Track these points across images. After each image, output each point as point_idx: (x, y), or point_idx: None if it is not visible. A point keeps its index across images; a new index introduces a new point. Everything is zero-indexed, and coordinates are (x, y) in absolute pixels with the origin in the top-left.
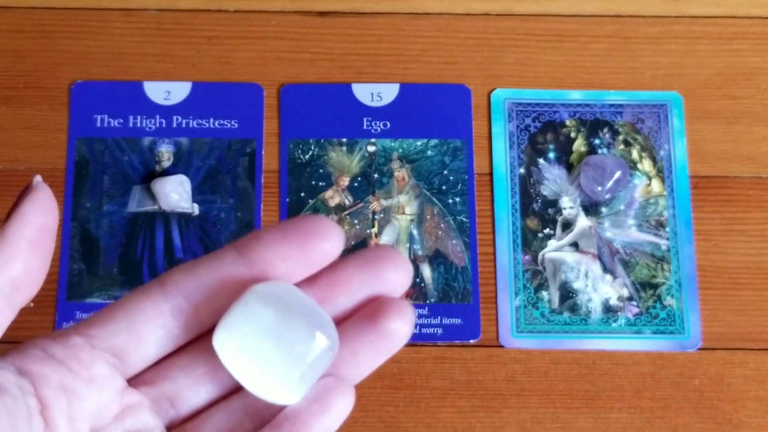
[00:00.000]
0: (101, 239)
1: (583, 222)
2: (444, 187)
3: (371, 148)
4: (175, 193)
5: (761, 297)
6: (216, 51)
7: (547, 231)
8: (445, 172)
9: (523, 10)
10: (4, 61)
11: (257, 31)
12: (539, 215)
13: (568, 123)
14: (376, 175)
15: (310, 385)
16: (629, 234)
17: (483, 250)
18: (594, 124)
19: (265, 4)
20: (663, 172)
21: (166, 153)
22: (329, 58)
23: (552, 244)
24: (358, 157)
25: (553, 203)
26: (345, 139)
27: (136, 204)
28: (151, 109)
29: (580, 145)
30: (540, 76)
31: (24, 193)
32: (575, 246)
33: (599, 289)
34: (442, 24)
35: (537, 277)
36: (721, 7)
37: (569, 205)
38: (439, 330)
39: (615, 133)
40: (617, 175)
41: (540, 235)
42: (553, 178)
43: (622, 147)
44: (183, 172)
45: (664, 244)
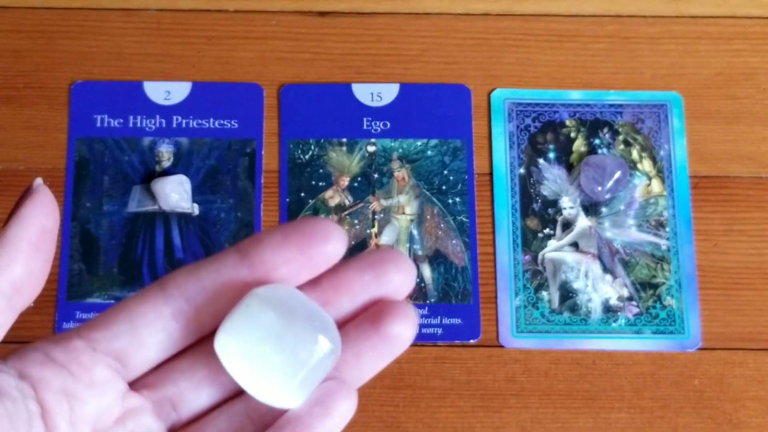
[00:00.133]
0: (101, 239)
1: (583, 222)
2: (444, 187)
3: (371, 148)
4: (175, 193)
5: (761, 297)
6: (216, 51)
7: (547, 231)
8: (445, 172)
9: (523, 10)
10: (4, 61)
11: (257, 31)
12: (539, 215)
13: (568, 123)
14: (376, 175)
15: (312, 388)
16: (629, 234)
17: (483, 250)
18: (594, 124)
19: (265, 4)
20: (663, 172)
21: (166, 153)
22: (329, 58)
23: (552, 244)
24: (358, 157)
25: (553, 203)
26: (345, 139)
27: (136, 204)
28: (151, 109)
29: (580, 145)
30: (540, 76)
31: (24, 195)
32: (575, 246)
33: (599, 289)
34: (442, 24)
35: (537, 277)
36: (721, 7)
37: (569, 205)
38: (439, 330)
39: (615, 133)
40: (617, 175)
41: (540, 235)
42: (553, 178)
43: (622, 147)
44: (183, 172)
45: (664, 244)
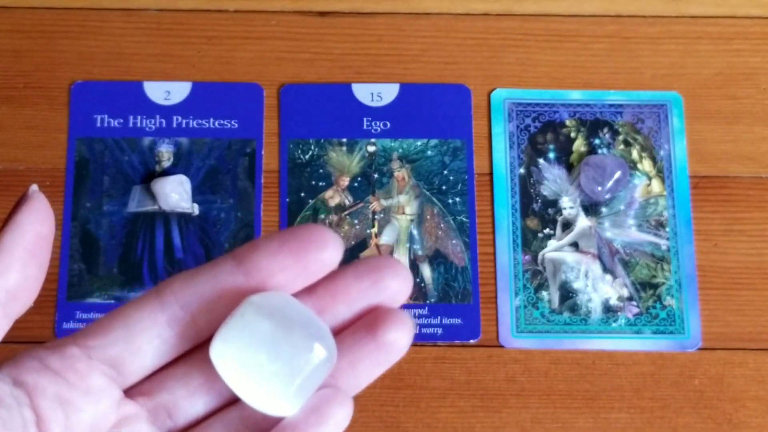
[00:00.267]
0: (101, 239)
1: (583, 222)
2: (444, 187)
3: (371, 148)
4: (175, 193)
5: (761, 297)
6: (216, 51)
7: (547, 231)
8: (445, 172)
9: (523, 10)
10: (4, 61)
11: (257, 31)
12: (539, 215)
13: (568, 123)
14: (376, 175)
15: (308, 396)
16: (629, 234)
17: (483, 250)
18: (594, 124)
19: (265, 4)
20: (663, 172)
21: (166, 153)
22: (329, 58)
23: (552, 244)
24: (358, 157)
25: (553, 203)
26: (345, 139)
27: (136, 204)
28: (151, 109)
29: (580, 145)
30: (540, 76)
31: (20, 202)
32: (575, 246)
33: (599, 289)
34: (442, 24)
35: (537, 277)
36: (721, 7)
37: (569, 205)
38: (439, 330)
39: (615, 133)
40: (617, 175)
41: (540, 235)
42: (553, 178)
43: (622, 147)
44: (183, 172)
45: (664, 244)
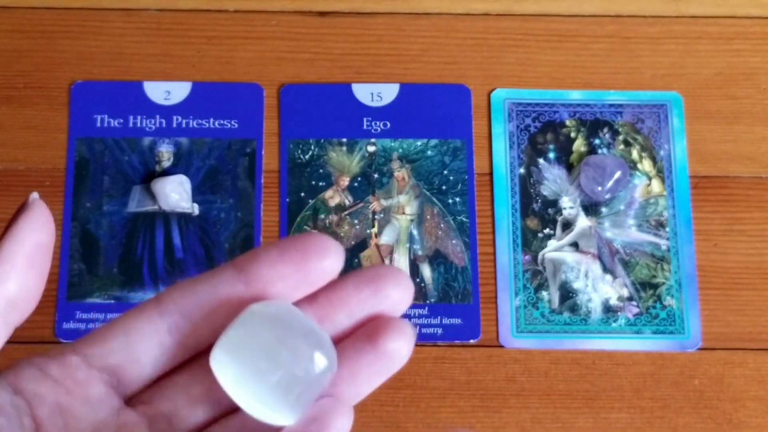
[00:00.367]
0: (101, 239)
1: (583, 222)
2: (444, 187)
3: (371, 148)
4: (175, 193)
5: (761, 297)
6: (216, 51)
7: (547, 231)
8: (445, 172)
9: (523, 10)
10: (4, 61)
11: (257, 31)
12: (539, 215)
13: (568, 123)
14: (376, 175)
15: (308, 405)
16: (629, 234)
17: (483, 250)
18: (594, 124)
19: (265, 4)
20: (663, 172)
21: (166, 153)
22: (329, 58)
23: (552, 244)
24: (358, 157)
25: (553, 203)
26: (345, 139)
27: (136, 204)
28: (151, 109)
29: (580, 145)
30: (540, 76)
31: (20, 210)
32: (575, 246)
33: (599, 289)
34: (442, 24)
35: (537, 277)
36: (721, 7)
37: (569, 205)
38: (439, 330)
39: (615, 133)
40: (617, 175)
41: (540, 235)
42: (553, 178)
43: (622, 147)
44: (183, 172)
45: (664, 244)
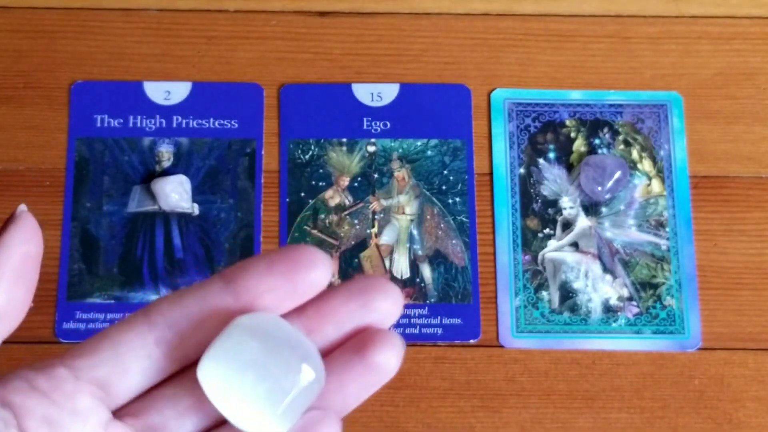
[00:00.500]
0: (101, 239)
1: (583, 222)
2: (444, 187)
3: (371, 148)
4: (175, 193)
5: (761, 297)
6: (216, 51)
7: (547, 231)
8: (445, 172)
9: (523, 10)
10: (4, 61)
11: (257, 31)
12: (539, 215)
13: (568, 123)
14: (376, 175)
15: (296, 418)
16: (629, 234)
17: (483, 250)
18: (594, 124)
19: (265, 4)
20: (663, 172)
21: (166, 153)
22: (329, 58)
23: (552, 244)
24: (358, 157)
25: (553, 203)
26: (345, 139)
27: (136, 204)
28: (151, 109)
29: (580, 145)
30: (540, 76)
31: (7, 222)
32: (575, 246)
33: (599, 289)
34: (442, 24)
35: (537, 277)
36: (721, 7)
37: (569, 205)
38: (439, 330)
39: (615, 133)
40: (617, 175)
41: (540, 235)
42: (553, 178)
43: (622, 147)
44: (183, 172)
45: (664, 244)
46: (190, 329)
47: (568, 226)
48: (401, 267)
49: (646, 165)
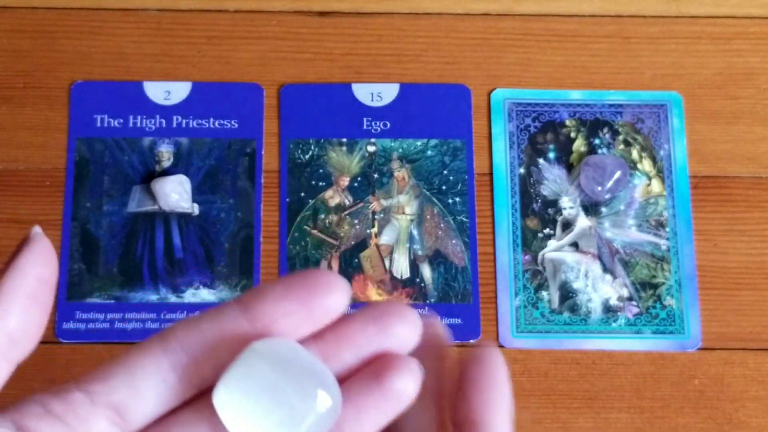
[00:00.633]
0: (101, 239)
1: (583, 222)
2: (444, 187)
3: (371, 148)
4: (175, 193)
5: (761, 297)
6: (216, 51)
7: (547, 231)
8: (445, 172)
9: (523, 10)
10: (4, 61)
11: (257, 31)
12: (539, 215)
13: (568, 123)
14: (376, 175)
15: None
16: (629, 234)
17: (483, 250)
18: (594, 124)
19: (265, 4)
20: (663, 172)
21: (166, 153)
22: (329, 58)
23: (552, 244)
24: (358, 157)
25: (553, 203)
26: (345, 139)
27: (136, 204)
28: (151, 109)
29: (580, 145)
30: (540, 76)
31: (22, 244)
32: (575, 246)
33: (599, 289)
34: (442, 24)
35: (537, 277)
36: (721, 7)
37: (569, 205)
38: None
39: (615, 133)
40: (617, 175)
41: (540, 235)
42: (553, 178)
43: (622, 147)
44: (183, 172)
45: (664, 244)
46: (206, 354)
47: (568, 226)
48: (401, 267)
49: (646, 165)
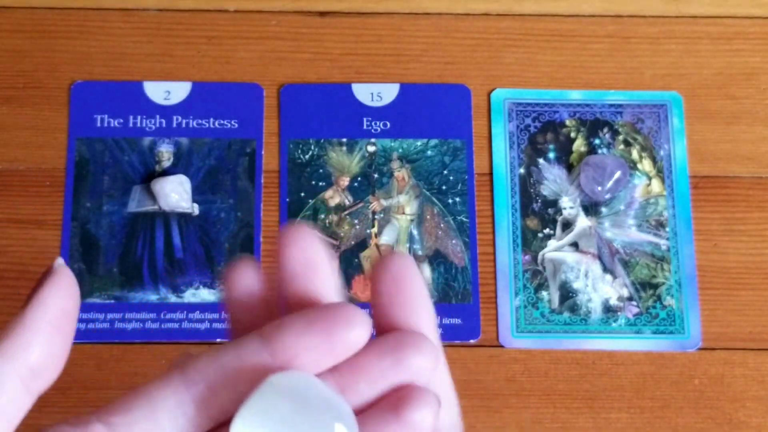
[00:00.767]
0: (101, 239)
1: (583, 222)
2: (444, 187)
3: (371, 148)
4: (175, 193)
5: (761, 297)
6: (216, 51)
7: (547, 231)
8: (445, 172)
9: (523, 10)
10: (4, 61)
11: (257, 31)
12: (539, 215)
13: (568, 123)
14: (376, 175)
15: None
16: (629, 234)
17: (483, 250)
18: (594, 124)
19: (265, 4)
20: (663, 172)
21: (166, 153)
22: (329, 58)
23: (552, 244)
24: (358, 157)
25: (553, 203)
26: (345, 139)
27: (136, 204)
28: (151, 109)
29: (580, 145)
30: (540, 76)
31: (44, 276)
32: (575, 246)
33: (599, 289)
34: (442, 24)
35: (537, 277)
36: (721, 7)
37: (569, 205)
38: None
39: (615, 133)
40: (617, 175)
41: (540, 235)
42: (553, 178)
43: (622, 147)
44: (183, 172)
45: (664, 244)
46: (226, 387)
47: (568, 226)
48: None
49: (646, 165)
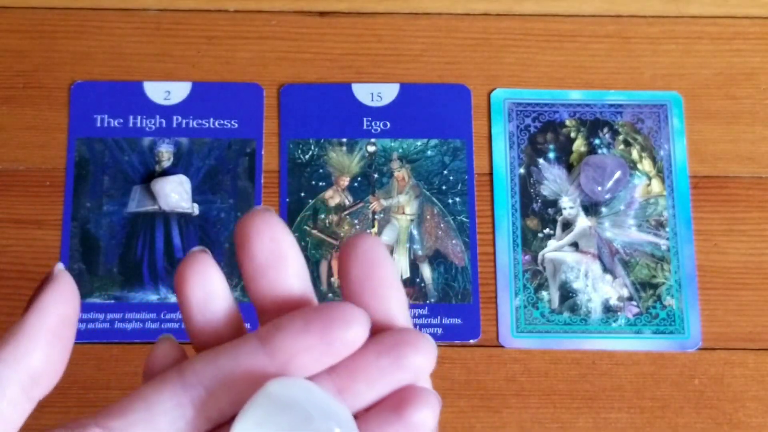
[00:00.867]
0: (101, 239)
1: (583, 222)
2: (444, 187)
3: (371, 148)
4: (175, 193)
5: (761, 297)
6: (216, 51)
7: (547, 231)
8: (445, 172)
9: (523, 10)
10: (4, 61)
11: (257, 31)
12: (539, 215)
13: (568, 123)
14: (376, 175)
15: None
16: (629, 234)
17: (483, 250)
18: (594, 124)
19: (265, 4)
20: (663, 172)
21: (166, 153)
22: (329, 58)
23: (552, 244)
24: (358, 157)
25: (553, 203)
26: (345, 139)
27: (136, 204)
28: (151, 109)
29: (580, 145)
30: (540, 76)
31: (44, 282)
32: (575, 246)
33: (599, 289)
34: (442, 24)
35: (537, 277)
36: (721, 7)
37: (569, 205)
38: (439, 330)
39: (615, 133)
40: (617, 175)
41: (540, 235)
42: (553, 178)
43: (622, 147)
44: (183, 172)
45: (664, 244)
46: (224, 389)
47: (568, 226)
48: (401, 267)
49: (646, 165)
